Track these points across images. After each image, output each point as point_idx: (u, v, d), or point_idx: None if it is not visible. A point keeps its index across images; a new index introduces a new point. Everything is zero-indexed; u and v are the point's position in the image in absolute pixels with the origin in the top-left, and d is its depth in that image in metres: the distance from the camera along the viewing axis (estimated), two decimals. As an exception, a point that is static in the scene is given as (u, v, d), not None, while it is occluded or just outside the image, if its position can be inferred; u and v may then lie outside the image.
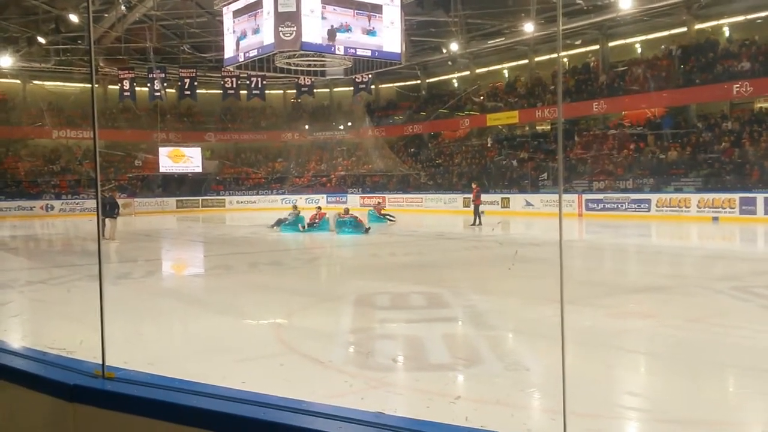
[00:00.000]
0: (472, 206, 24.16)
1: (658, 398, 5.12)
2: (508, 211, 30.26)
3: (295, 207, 23.36)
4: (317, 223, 21.38)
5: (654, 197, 25.73)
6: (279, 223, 22.13)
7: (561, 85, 34.74)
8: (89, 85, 41.88)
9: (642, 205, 25.91)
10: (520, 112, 35.24)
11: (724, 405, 5.00)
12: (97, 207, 3.86)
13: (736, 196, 23.26)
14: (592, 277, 11.44)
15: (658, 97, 29.52)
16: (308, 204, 26.92)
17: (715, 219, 23.39)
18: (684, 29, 30.59)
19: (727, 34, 29.90)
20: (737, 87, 26.39)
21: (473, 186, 25.01)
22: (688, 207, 24.43)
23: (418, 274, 11.98)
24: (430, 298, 9.29)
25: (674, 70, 29.75)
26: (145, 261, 15.52)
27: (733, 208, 23.18)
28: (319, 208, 23.54)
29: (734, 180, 24.65)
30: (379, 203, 29.30)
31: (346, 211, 22.01)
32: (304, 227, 21.22)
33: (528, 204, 29.87)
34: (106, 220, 18.68)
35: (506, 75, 39.81)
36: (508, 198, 31.01)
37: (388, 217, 25.48)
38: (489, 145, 37.23)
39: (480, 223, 23.18)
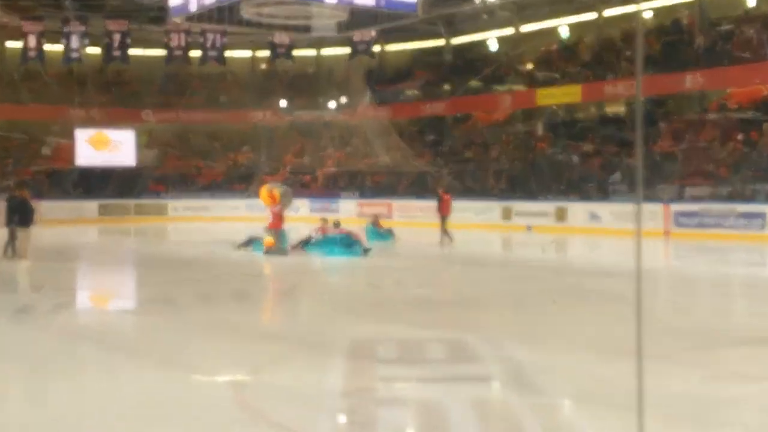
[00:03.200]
0: (439, 218, 24.06)
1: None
2: (565, 227, 30.26)
3: None
4: (316, 240, 20.98)
5: (771, 209, 25.71)
6: (250, 242, 21.52)
7: (641, 49, 34.66)
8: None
9: (754, 221, 25.83)
10: (583, 87, 35.21)
11: None
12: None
13: None
14: (683, 322, 11.41)
15: (779, 68, 29.53)
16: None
17: None
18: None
19: None
20: None
21: (440, 192, 24.83)
22: (821, 224, 24.41)
23: (436, 314, 11.99)
24: (452, 347, 9.29)
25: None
26: (56, 289, 15.47)
27: None
28: (324, 220, 22.63)
29: None
30: (377, 216, 29.10)
31: (336, 224, 21.96)
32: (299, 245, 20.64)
33: (593, 217, 29.83)
34: (17, 230, 18.70)
35: (564, 34, 39.81)
36: (566, 208, 30.96)
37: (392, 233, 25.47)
38: (539, 133, 37.28)
39: (443, 239, 23.44)
